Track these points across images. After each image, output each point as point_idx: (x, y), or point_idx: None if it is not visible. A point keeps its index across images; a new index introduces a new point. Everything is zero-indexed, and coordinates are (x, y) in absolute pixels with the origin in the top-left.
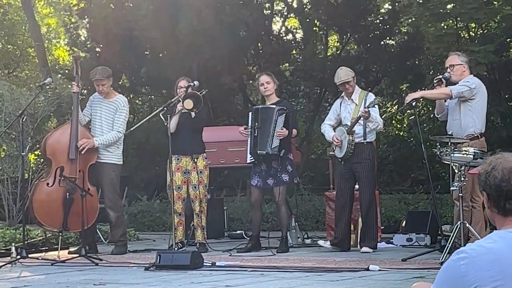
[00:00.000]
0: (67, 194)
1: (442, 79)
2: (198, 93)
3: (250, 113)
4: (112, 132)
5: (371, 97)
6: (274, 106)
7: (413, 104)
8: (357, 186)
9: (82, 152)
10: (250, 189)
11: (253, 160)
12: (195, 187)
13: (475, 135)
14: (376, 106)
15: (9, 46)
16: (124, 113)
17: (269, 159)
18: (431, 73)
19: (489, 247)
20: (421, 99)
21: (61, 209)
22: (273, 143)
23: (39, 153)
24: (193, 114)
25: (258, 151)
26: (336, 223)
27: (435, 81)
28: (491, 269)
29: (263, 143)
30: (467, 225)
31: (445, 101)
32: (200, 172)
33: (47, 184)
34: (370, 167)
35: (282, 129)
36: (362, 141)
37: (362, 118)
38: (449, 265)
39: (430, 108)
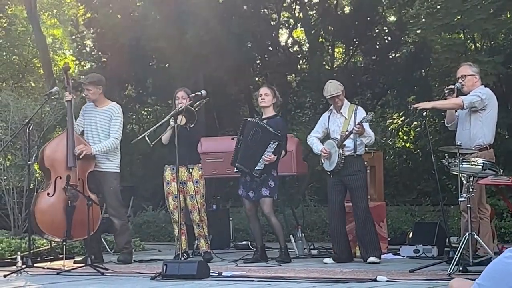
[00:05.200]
0: (69, 202)
1: (455, 88)
2: (193, 108)
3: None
4: (109, 139)
5: (360, 111)
6: (271, 129)
7: (423, 114)
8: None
9: (80, 157)
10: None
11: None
12: (192, 197)
13: (484, 146)
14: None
15: (14, 57)
16: (119, 120)
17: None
18: (437, 85)
19: None
20: (427, 110)
21: (63, 218)
22: (258, 165)
23: (37, 165)
24: (188, 127)
25: (237, 164)
26: (332, 238)
27: (446, 91)
28: None
29: (248, 161)
30: (475, 236)
31: (456, 110)
32: (196, 182)
33: (48, 194)
34: (363, 179)
35: (270, 156)
36: (353, 154)
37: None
38: (500, 261)
39: (437, 120)
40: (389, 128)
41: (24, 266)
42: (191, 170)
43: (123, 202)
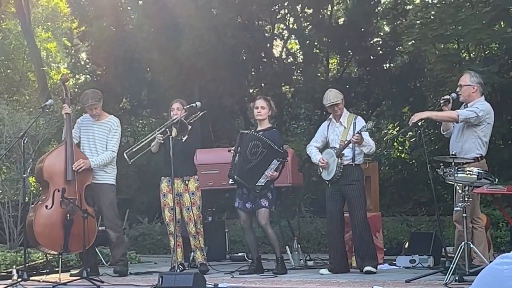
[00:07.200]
0: (68, 215)
1: (450, 99)
2: (186, 120)
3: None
4: (107, 152)
5: (360, 120)
6: (274, 145)
7: (419, 124)
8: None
9: (79, 171)
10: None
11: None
12: (188, 209)
13: (476, 157)
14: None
15: (9, 71)
16: (117, 134)
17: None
18: (431, 96)
19: None
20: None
21: (61, 231)
22: (260, 181)
23: (35, 177)
24: (184, 138)
25: (235, 177)
26: (329, 248)
27: (441, 101)
28: None
29: (248, 175)
30: (471, 245)
31: None
32: (192, 193)
33: (46, 206)
34: (360, 188)
35: (274, 173)
36: (351, 163)
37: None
38: (492, 268)
39: (432, 130)
40: (384, 139)
41: (19, 279)
42: (187, 181)
43: (119, 215)
